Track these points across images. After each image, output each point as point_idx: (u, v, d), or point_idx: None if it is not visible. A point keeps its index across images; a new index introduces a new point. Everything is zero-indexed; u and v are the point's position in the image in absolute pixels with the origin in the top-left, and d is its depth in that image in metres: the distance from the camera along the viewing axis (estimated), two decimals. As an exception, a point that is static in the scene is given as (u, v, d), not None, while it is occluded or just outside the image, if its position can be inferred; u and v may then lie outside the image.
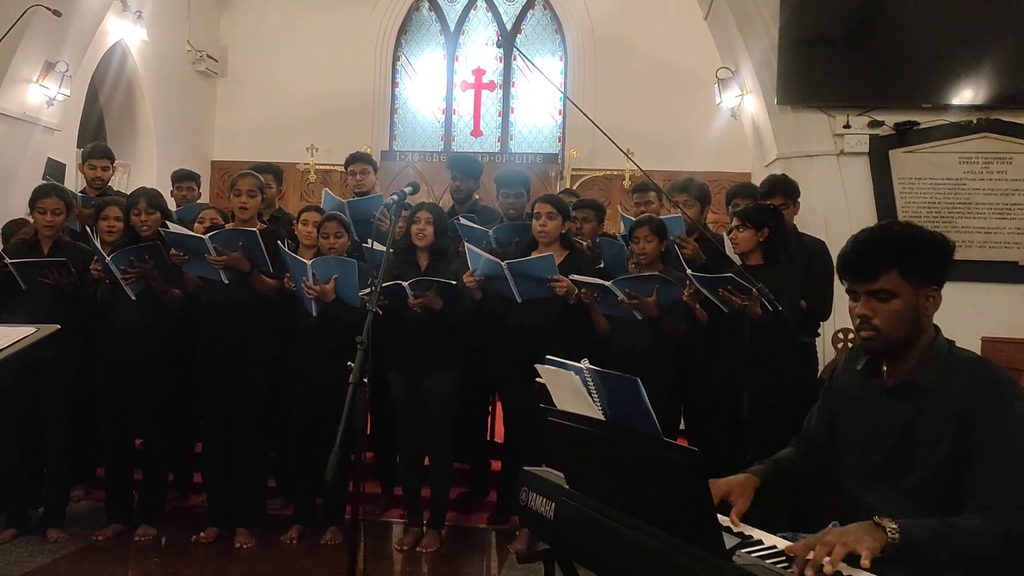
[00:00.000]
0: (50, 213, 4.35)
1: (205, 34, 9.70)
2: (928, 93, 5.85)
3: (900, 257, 2.01)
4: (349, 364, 2.63)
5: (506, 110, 10.29)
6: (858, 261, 2.06)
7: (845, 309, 2.21)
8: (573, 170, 9.50)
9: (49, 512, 4.42)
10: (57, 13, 5.93)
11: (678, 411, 4.39)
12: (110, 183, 5.51)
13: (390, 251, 3.25)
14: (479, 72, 10.30)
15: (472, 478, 5.12)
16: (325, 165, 9.59)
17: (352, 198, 5.22)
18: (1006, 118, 5.79)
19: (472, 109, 10.32)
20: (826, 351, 5.28)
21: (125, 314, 4.25)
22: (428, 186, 8.72)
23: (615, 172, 9.34)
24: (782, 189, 4.49)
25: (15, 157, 6.30)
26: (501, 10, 10.24)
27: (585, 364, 2.10)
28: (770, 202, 4.28)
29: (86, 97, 7.80)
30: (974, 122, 5.82)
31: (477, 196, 5.33)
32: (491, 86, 10.30)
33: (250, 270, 4.14)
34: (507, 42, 10.16)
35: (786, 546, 1.88)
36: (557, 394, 2.23)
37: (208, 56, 9.56)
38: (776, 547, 1.93)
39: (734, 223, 4.02)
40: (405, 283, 4.03)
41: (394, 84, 10.32)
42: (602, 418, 2.05)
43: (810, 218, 5.37)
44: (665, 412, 2.68)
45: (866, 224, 2.19)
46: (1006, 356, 4.52)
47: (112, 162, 5.50)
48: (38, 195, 4.39)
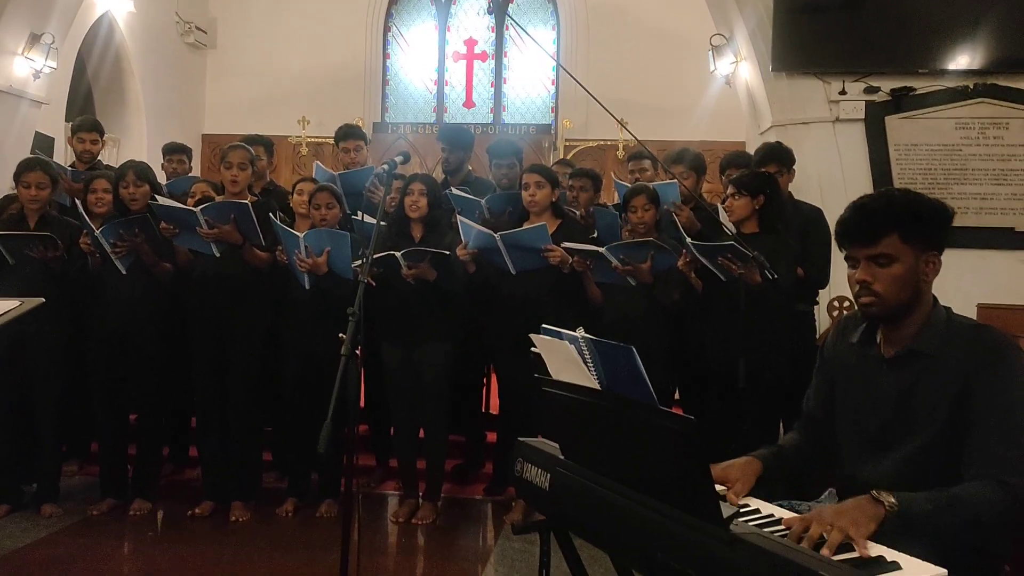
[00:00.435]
0: (34, 187, 4.30)
1: (193, 6, 9.59)
2: (924, 58, 5.81)
3: (900, 221, 1.98)
4: (341, 336, 2.61)
5: (499, 81, 10.22)
6: (858, 226, 2.03)
7: (842, 277, 2.19)
8: (566, 140, 9.45)
9: (43, 488, 4.41)
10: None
11: (673, 380, 4.38)
12: (100, 157, 5.44)
13: (381, 223, 3.21)
14: (471, 43, 10.21)
15: (467, 450, 5.11)
16: (316, 138, 9.53)
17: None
18: (1002, 83, 5.75)
19: (464, 80, 10.25)
20: (822, 320, 5.26)
21: (116, 288, 4.23)
22: (421, 158, 8.67)
23: (609, 142, 9.29)
24: (776, 156, 4.46)
25: (2, 131, 6.24)
26: (493, -22, 10.14)
27: (580, 333, 2.07)
28: (764, 170, 4.25)
29: (74, 70, 7.73)
30: (970, 87, 5.78)
31: (470, 167, 5.28)
32: (483, 56, 10.21)
33: (242, 243, 4.10)
34: (499, 11, 10.06)
35: (784, 519, 1.86)
36: (552, 364, 2.21)
37: (197, 28, 9.46)
38: (774, 515, 1.92)
39: (729, 191, 3.99)
40: (398, 253, 4.00)
41: (385, 55, 10.24)
42: (598, 387, 2.02)
43: (806, 186, 5.34)
44: (660, 380, 2.66)
45: (862, 191, 2.18)
46: (1002, 322, 4.52)
47: (101, 135, 5.43)
48: (22, 169, 4.34)
